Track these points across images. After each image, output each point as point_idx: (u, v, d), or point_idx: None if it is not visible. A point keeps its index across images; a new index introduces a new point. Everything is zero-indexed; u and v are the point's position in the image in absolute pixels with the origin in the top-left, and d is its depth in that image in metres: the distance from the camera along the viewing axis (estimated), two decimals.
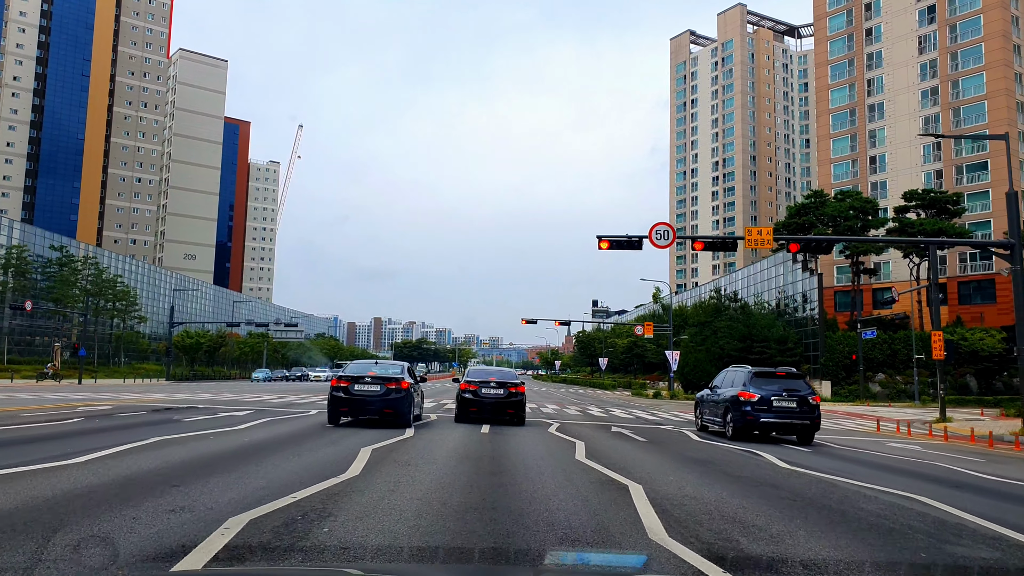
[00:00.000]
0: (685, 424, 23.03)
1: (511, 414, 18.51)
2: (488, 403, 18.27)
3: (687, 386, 64.27)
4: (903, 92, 77.41)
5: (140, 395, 32.81)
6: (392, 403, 15.51)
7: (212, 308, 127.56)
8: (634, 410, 32.31)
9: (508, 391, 18.35)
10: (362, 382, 15.64)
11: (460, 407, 18.65)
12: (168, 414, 18.47)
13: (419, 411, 18.54)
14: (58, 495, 6.66)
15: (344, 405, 15.71)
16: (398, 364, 17.32)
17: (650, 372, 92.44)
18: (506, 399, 18.29)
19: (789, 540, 6.02)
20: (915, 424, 27.16)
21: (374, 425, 16.19)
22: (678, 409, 35.74)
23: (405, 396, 15.68)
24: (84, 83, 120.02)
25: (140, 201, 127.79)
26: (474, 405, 18.34)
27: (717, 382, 19.45)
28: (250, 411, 20.91)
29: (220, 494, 6.97)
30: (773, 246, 24.24)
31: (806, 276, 62.44)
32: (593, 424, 20.92)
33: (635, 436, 16.94)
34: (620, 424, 21.46)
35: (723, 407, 17.90)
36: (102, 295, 79.06)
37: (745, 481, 9.85)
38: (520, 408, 18.49)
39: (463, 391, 18.60)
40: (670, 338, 61.63)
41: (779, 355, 61.05)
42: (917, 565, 5.51)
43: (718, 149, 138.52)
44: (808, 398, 16.97)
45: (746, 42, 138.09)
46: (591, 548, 5.51)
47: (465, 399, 18.45)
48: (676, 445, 15.18)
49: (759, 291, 71.64)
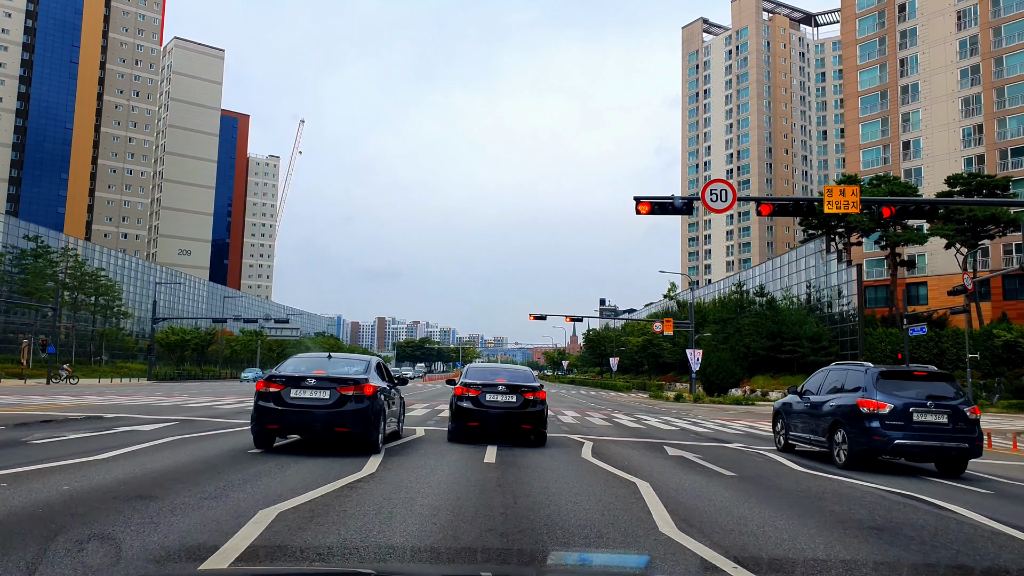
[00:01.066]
0: (750, 439, 17.72)
1: (527, 431, 13.25)
2: (494, 415, 13.01)
3: (709, 388, 58.94)
4: (940, 72, 71.91)
5: (62, 399, 27.59)
6: (347, 417, 10.24)
7: (207, 305, 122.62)
8: (668, 417, 26.98)
9: (523, 398, 13.06)
10: (303, 385, 10.26)
11: (456, 420, 13.38)
12: (29, 432, 13.14)
13: (397, 425, 13.28)
14: None
15: (274, 420, 10.37)
16: (361, 359, 11.96)
17: (664, 372, 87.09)
18: (520, 410, 13.03)
19: None
20: (995, 434, 21.74)
21: (322, 450, 10.93)
22: (718, 416, 30.37)
23: (368, 407, 10.42)
24: (73, 70, 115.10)
25: (132, 194, 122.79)
26: (475, 418, 13.08)
27: (811, 385, 14.13)
28: (173, 423, 15.66)
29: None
30: (859, 210, 18.93)
31: (841, 268, 57.06)
32: (635, 442, 15.61)
33: (708, 464, 11.63)
34: (669, 441, 16.15)
35: (827, 421, 12.60)
36: (82, 289, 73.99)
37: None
38: (540, 422, 13.22)
39: (459, 398, 13.22)
40: (691, 335, 56.27)
41: (812, 354, 55.75)
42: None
43: (732, 141, 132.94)
44: (964, 410, 11.64)
45: (761, 30, 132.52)
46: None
47: (462, 409, 13.16)
48: (784, 484, 9.87)
49: (786, 285, 66.25)
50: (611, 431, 18.46)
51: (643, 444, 14.94)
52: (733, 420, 27.46)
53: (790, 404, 14.71)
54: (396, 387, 13.08)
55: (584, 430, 18.18)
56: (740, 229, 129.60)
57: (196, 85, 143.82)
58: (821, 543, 5.95)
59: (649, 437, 16.89)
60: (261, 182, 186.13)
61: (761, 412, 36.33)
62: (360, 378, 10.49)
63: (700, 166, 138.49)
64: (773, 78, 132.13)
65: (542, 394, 13.22)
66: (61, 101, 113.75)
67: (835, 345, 55.71)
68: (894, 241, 57.81)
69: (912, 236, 56.10)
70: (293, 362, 11.21)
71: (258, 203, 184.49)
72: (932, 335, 52.42)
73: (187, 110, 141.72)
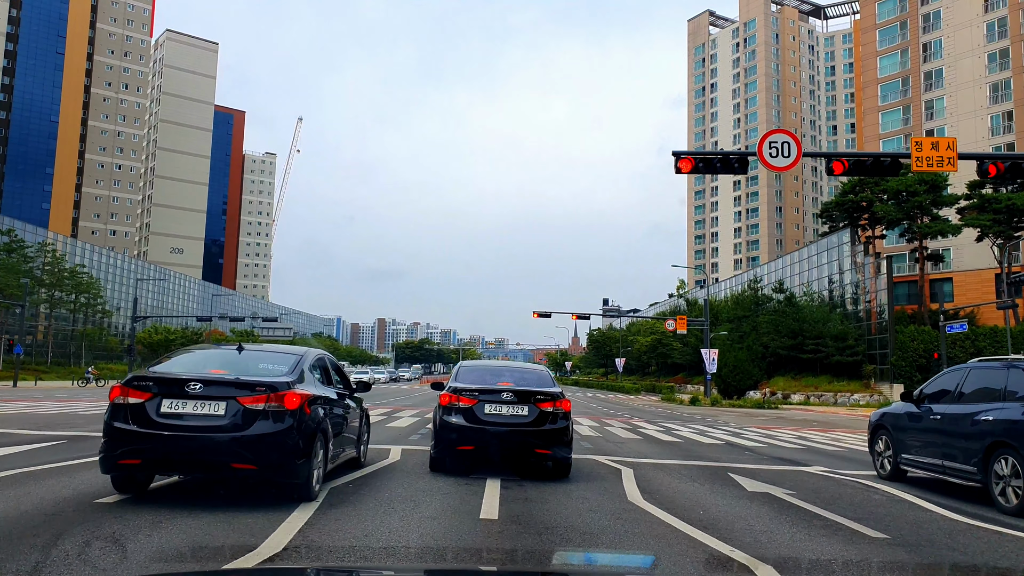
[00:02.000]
0: (822, 457, 13.74)
1: (542, 456, 9.19)
2: (497, 435, 8.96)
3: (725, 390, 54.96)
4: (966, 56, 67.94)
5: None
6: (254, 446, 6.19)
7: (199, 304, 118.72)
8: (698, 425, 22.97)
9: (537, 409, 9.04)
10: (185, 394, 6.24)
11: (441, 442, 9.25)
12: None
13: (356, 448, 9.24)
14: None
15: (133, 450, 6.21)
16: (291, 353, 7.57)
17: (674, 374, 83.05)
18: (534, 427, 9.01)
19: None
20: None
21: (223, 495, 6.97)
22: (750, 423, 26.37)
23: (290, 429, 6.38)
24: (59, 61, 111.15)
25: (121, 190, 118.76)
26: (469, 439, 9.00)
27: (935, 390, 10.13)
28: (56, 443, 11.73)
29: None
30: (955, 167, 14.98)
31: (868, 261, 53.04)
32: (686, 467, 11.63)
33: (824, 512, 7.69)
34: (727, 463, 12.19)
35: (980, 443, 8.62)
36: (59, 286, 70.02)
37: None
38: (563, 444, 9.15)
39: (446, 409, 9.16)
40: (706, 334, 52.26)
41: (837, 354, 51.73)
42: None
43: (740, 136, 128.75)
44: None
45: (770, 22, 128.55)
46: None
47: (450, 427, 9.03)
48: (970, 555, 5.92)
49: (805, 280, 62.24)
50: (645, 448, 14.49)
51: (700, 471, 10.95)
52: (773, 428, 23.49)
53: (901, 416, 10.72)
54: (353, 395, 9.12)
55: (612, 448, 14.20)
56: (748, 227, 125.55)
57: (189, 79, 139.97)
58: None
59: (699, 458, 12.91)
60: (257, 180, 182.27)
61: (795, 418, 32.33)
62: (279, 382, 6.46)
63: None
64: (782, 71, 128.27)
65: (565, 403, 9.20)
66: (46, 94, 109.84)
67: (862, 344, 51.69)
68: (924, 232, 53.78)
69: (944, 227, 52.05)
70: (180, 359, 7.19)
71: (254, 201, 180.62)
72: (969, 333, 48.38)
73: (179, 104, 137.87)
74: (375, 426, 17.01)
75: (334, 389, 8.07)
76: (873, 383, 50.14)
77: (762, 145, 14.77)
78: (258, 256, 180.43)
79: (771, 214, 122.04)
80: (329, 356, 8.61)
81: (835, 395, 50.20)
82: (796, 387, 53.59)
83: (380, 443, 12.74)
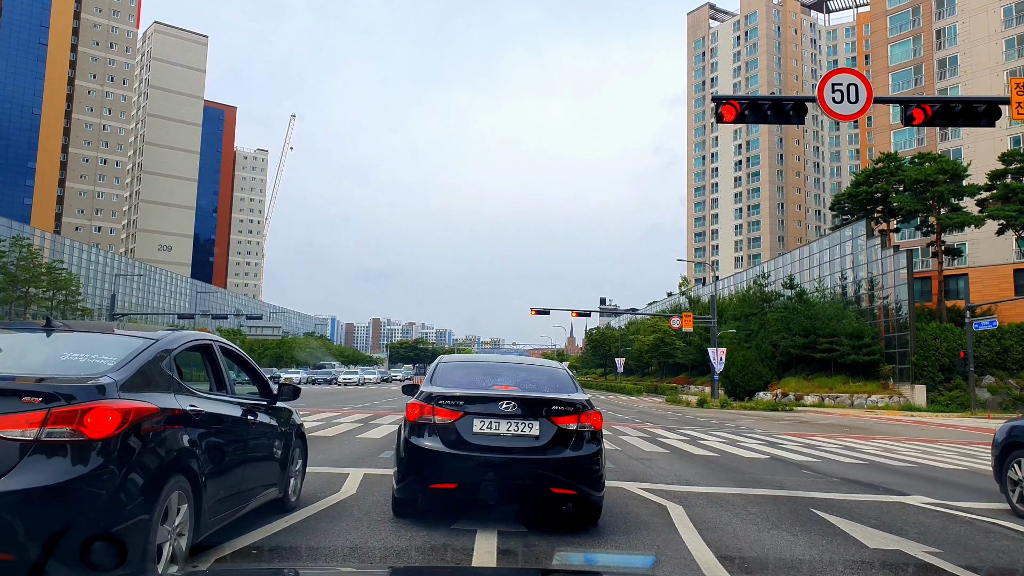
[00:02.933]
0: (902, 477, 10.77)
1: (562, 497, 6.00)
2: (490, 464, 5.79)
3: (733, 391, 52.15)
4: (982, 42, 65.13)
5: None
6: (15, 518, 3.16)
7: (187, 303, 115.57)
8: (722, 432, 19.98)
9: (552, 425, 5.91)
10: None
11: (407, 476, 6.07)
12: None
13: (274, 490, 5.97)
14: None
15: None
16: (130, 338, 4.30)
17: (675, 374, 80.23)
18: (545, 454, 5.84)
19: None
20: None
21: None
22: (775, 429, 23.37)
23: (91, 477, 3.29)
24: (41, 52, 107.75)
25: (106, 185, 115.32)
26: (449, 472, 5.85)
27: None
28: None
29: None
30: None
31: (886, 254, 50.14)
32: (744, 496, 8.63)
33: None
34: (800, 490, 9.20)
35: None
36: (34, 282, 66.85)
37: None
38: (590, 478, 5.95)
39: (416, 427, 6.00)
40: (713, 331, 49.40)
41: (853, 353, 48.78)
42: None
43: (741, 131, 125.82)
44: None
45: (772, 14, 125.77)
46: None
47: (421, 454, 5.88)
48: None
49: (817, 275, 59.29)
50: (680, 467, 11.48)
51: (774, 507, 7.94)
52: (807, 435, 20.50)
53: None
54: (274, 406, 6.11)
55: (640, 469, 11.19)
56: (750, 224, 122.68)
57: (177, 72, 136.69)
58: None
59: (755, 483, 9.89)
60: (249, 177, 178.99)
61: (820, 422, 29.35)
62: (80, 388, 3.48)
63: (707, 157, 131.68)
64: (784, 65, 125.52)
65: (594, 417, 6.09)
66: (28, 85, 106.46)
67: (879, 343, 48.77)
68: (944, 225, 50.87)
69: (966, 218, 49.13)
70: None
71: (246, 199, 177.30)
72: (994, 331, 45.51)
73: (168, 98, 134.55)
74: (343, 437, 13.96)
75: (228, 397, 5.07)
76: (891, 384, 47.25)
77: (823, 87, 11.80)
78: (250, 255, 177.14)
79: (773, 211, 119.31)
80: (224, 343, 5.50)
81: (851, 396, 47.31)
82: (809, 388, 50.69)
83: (336, 464, 9.76)
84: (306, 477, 7.80)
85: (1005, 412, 40.07)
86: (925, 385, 44.83)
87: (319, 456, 10.71)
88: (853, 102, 11.74)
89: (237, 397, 5.22)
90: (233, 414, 4.94)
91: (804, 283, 59.67)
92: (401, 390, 7.64)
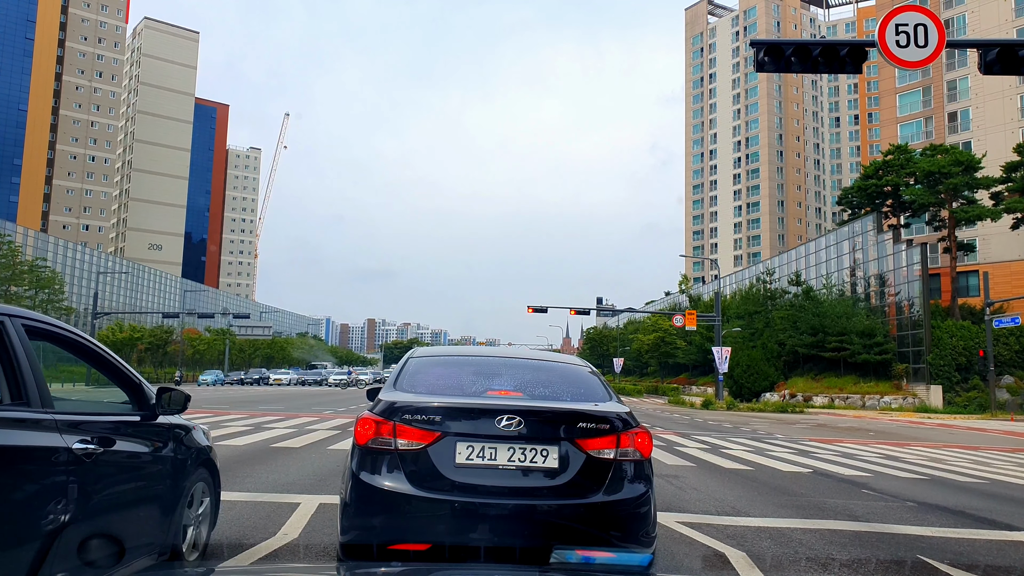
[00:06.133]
0: (982, 499, 8.77)
1: (590, 557, 3.82)
2: (484, 514, 3.63)
3: (738, 392, 50.20)
4: (992, 31, 63.26)
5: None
6: None
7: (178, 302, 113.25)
8: (740, 439, 17.96)
9: (579, 452, 3.79)
10: None
11: (354, 527, 3.78)
12: None
13: (144, 558, 3.80)
14: None
15: None
16: None
17: (676, 374, 78.22)
18: (568, 496, 3.73)
19: None
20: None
21: None
22: (796, 433, 21.36)
23: None
24: (28, 47, 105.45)
25: (95, 183, 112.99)
26: (420, 527, 3.64)
27: None
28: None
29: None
30: None
31: (899, 249, 48.16)
32: (816, 531, 6.60)
33: None
34: (877, 523, 7.18)
35: None
36: (15, 280, 64.61)
37: None
38: (637, 530, 3.83)
39: (368, 453, 3.83)
40: (717, 330, 47.31)
41: (864, 352, 46.81)
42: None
43: (740, 128, 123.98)
44: None
45: (771, 9, 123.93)
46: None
47: (376, 497, 3.70)
48: None
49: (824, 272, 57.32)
50: (716, 486, 9.44)
51: (859, 543, 5.90)
52: (837, 442, 18.49)
53: None
54: (152, 422, 3.93)
55: (669, 490, 9.13)
56: (749, 222, 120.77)
57: (168, 69, 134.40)
58: None
59: (820, 511, 7.87)
60: (242, 176, 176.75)
61: (840, 426, 27.33)
62: None
63: (706, 155, 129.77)
64: None
65: (639, 439, 4.00)
66: (14, 80, 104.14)
67: (891, 342, 46.81)
68: (958, 218, 48.92)
69: (982, 211, 47.18)
70: None
71: (239, 198, 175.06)
72: (1014, 329, 43.57)
73: (158, 95, 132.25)
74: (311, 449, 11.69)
75: (32, 413, 2.97)
76: (905, 384, 45.27)
77: (884, 29, 9.79)
78: (243, 254, 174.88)
79: (773, 209, 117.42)
80: (40, 320, 3.28)
81: (862, 397, 45.33)
82: (817, 388, 48.70)
83: (287, 489, 7.67)
84: (243, 509, 5.75)
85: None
86: (941, 385, 42.88)
87: (270, 476, 8.65)
88: (921, 46, 9.75)
89: (59, 413, 3.14)
90: (42, 444, 2.88)
91: (810, 280, 57.73)
92: (366, 395, 5.32)
